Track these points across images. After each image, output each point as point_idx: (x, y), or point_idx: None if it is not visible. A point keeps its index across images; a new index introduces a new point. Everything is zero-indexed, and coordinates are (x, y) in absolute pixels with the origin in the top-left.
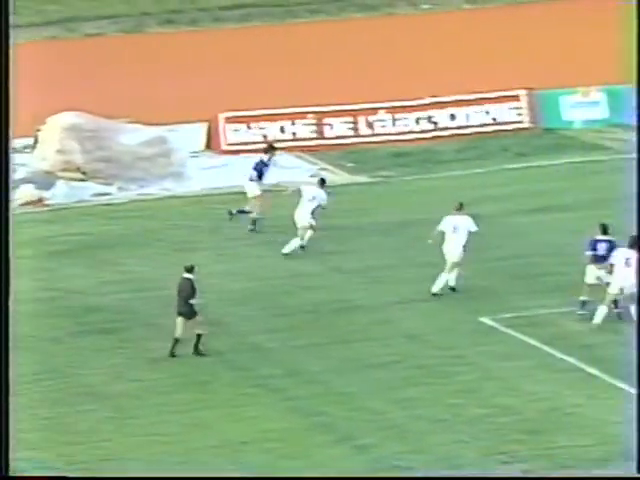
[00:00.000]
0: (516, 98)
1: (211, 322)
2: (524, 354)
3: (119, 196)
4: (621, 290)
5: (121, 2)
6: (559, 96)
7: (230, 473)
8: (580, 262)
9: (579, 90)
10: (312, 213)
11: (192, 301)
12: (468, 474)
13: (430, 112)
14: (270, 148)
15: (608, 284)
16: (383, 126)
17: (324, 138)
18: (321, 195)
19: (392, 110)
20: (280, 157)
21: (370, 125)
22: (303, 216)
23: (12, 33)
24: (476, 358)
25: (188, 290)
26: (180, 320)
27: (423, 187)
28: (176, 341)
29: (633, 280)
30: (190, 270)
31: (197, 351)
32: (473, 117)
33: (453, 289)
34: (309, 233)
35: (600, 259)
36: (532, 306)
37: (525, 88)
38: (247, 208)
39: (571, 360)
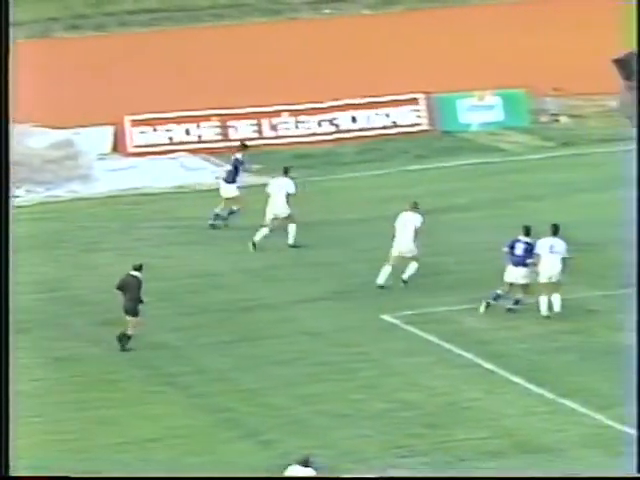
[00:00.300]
0: (415, 101)
1: (119, 321)
2: (424, 350)
3: (27, 199)
4: (549, 278)
5: (27, 8)
6: (456, 99)
7: (137, 470)
8: (478, 260)
9: (475, 94)
10: (287, 201)
11: (140, 302)
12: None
13: (332, 115)
14: (243, 147)
15: (537, 274)
16: (286, 128)
17: (229, 140)
18: (288, 184)
19: (295, 113)
20: (185, 159)
21: (274, 127)
22: (280, 208)
23: None
24: (378, 355)
25: (135, 288)
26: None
27: (325, 188)
28: (128, 337)
29: (558, 268)
30: (138, 269)
31: (124, 348)
32: (374, 120)
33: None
34: (292, 227)
35: (517, 259)
36: (432, 304)
37: (423, 92)
38: (234, 207)
39: (469, 356)
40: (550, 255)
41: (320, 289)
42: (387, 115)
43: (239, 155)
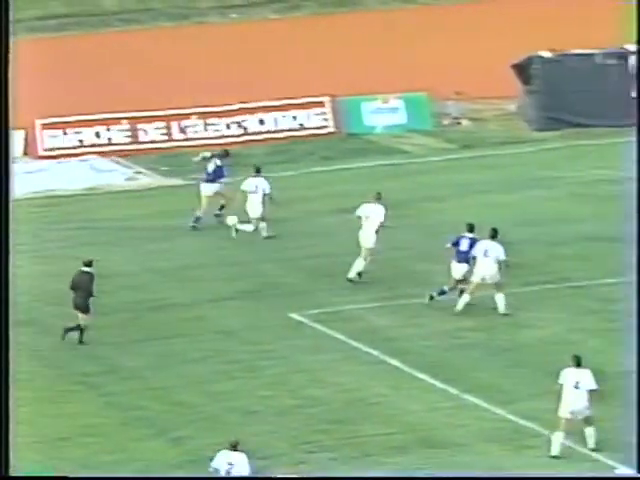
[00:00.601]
0: (321, 104)
1: (30, 322)
2: (331, 348)
3: None
4: (482, 279)
5: None
6: (361, 102)
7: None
8: (384, 260)
9: (379, 97)
10: (263, 202)
11: (91, 297)
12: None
13: (240, 117)
14: (225, 153)
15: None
16: (195, 131)
17: (139, 143)
18: (264, 184)
19: (203, 115)
20: (95, 161)
21: (183, 130)
22: (255, 208)
23: None
24: (286, 352)
25: (87, 283)
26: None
27: (234, 189)
28: (81, 330)
29: (493, 270)
30: (89, 264)
31: (82, 342)
32: (281, 122)
33: (352, 280)
34: (263, 224)
35: (461, 255)
36: (338, 302)
37: (329, 95)
38: (222, 202)
39: (375, 353)
40: (484, 258)
41: (230, 288)
42: (294, 118)
43: (219, 162)
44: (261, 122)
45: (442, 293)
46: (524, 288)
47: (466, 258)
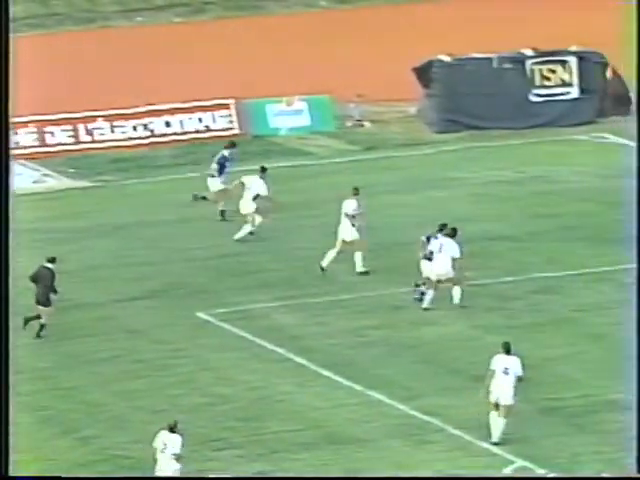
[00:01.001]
0: (226, 106)
1: None
2: (238, 346)
3: None
4: (438, 275)
5: None
6: (265, 105)
7: None
8: (289, 259)
9: (283, 99)
10: (254, 200)
11: (53, 293)
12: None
13: (146, 120)
14: (231, 145)
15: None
16: (102, 133)
17: (46, 145)
18: (258, 184)
19: (110, 118)
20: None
21: (89, 132)
22: (246, 205)
23: None
24: (193, 351)
25: (48, 279)
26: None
27: (140, 191)
28: (42, 326)
29: (448, 266)
30: (52, 261)
31: (39, 336)
32: (187, 124)
33: (367, 272)
34: (258, 219)
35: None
36: (244, 301)
37: (234, 97)
38: (207, 195)
39: (281, 351)
40: (439, 254)
41: (138, 288)
42: (200, 120)
43: (226, 152)
44: (167, 124)
45: (422, 294)
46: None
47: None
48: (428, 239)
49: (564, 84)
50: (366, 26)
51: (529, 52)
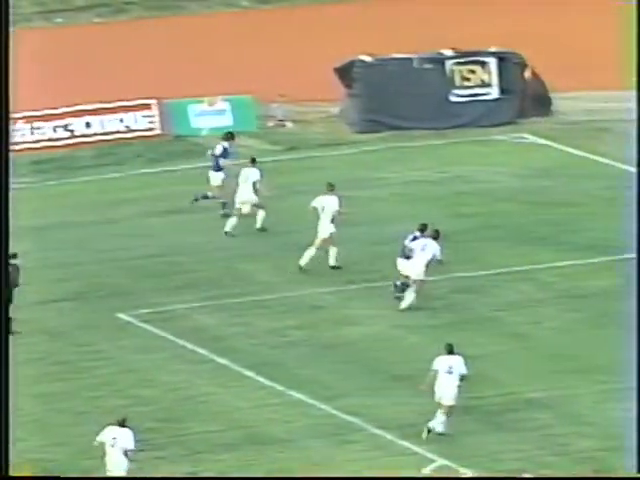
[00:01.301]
0: (148, 107)
1: None
2: (159, 347)
3: None
4: (417, 275)
5: None
6: (187, 105)
7: None
8: (208, 260)
9: (205, 100)
10: (254, 191)
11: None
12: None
13: (66, 120)
14: (230, 136)
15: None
16: (22, 134)
17: None
18: (254, 172)
19: (29, 119)
20: None
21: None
22: (246, 195)
23: None
24: (114, 352)
25: (14, 275)
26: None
27: (61, 192)
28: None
29: (422, 268)
30: (14, 256)
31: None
32: (108, 125)
33: (336, 267)
34: (261, 213)
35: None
36: (166, 302)
37: (156, 97)
38: (209, 194)
39: (203, 352)
40: (421, 253)
41: (58, 290)
42: (121, 120)
43: (226, 143)
44: (88, 125)
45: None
46: (348, 286)
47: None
48: (414, 238)
49: (484, 84)
50: (288, 26)
51: (449, 53)
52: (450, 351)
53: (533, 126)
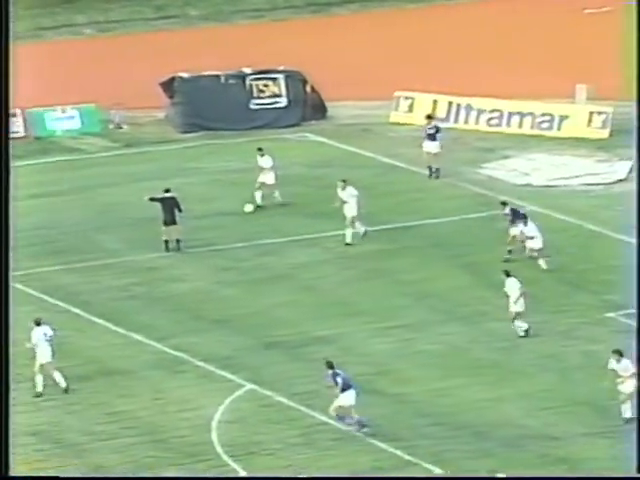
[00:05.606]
0: (14, 115)
1: None
2: (26, 301)
3: None
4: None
5: None
6: (44, 113)
7: None
8: (70, 232)
9: (58, 108)
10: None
11: None
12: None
13: None
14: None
15: None
16: None
17: None
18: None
19: None
20: None
21: None
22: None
23: None
24: None
25: (176, 202)
26: None
27: None
28: None
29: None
30: (167, 191)
31: None
32: None
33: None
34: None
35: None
36: (34, 265)
37: (20, 107)
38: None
39: (62, 304)
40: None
41: None
42: None
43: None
44: None
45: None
46: (177, 252)
47: None
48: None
49: (275, 95)
50: (123, 50)
51: (248, 70)
52: None
53: (313, 127)
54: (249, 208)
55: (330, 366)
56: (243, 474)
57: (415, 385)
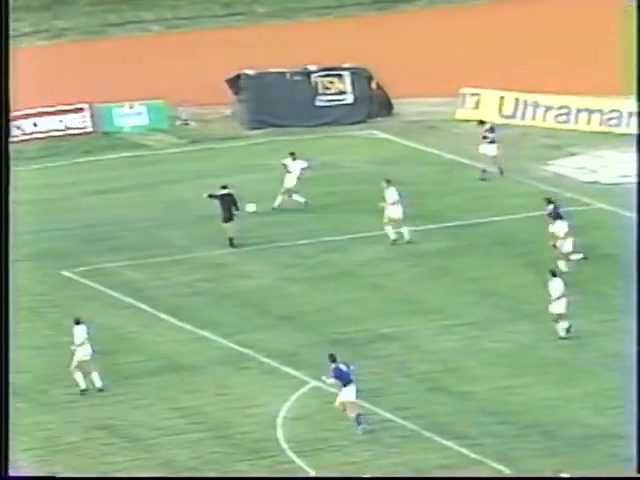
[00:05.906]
0: (81, 110)
1: None
2: (95, 297)
3: None
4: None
5: None
6: (112, 108)
7: None
8: (133, 228)
9: (126, 104)
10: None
11: None
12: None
13: (18, 122)
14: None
15: None
16: None
17: None
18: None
19: None
20: None
21: None
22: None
23: None
24: (61, 301)
25: (233, 199)
26: None
27: (20, 177)
28: None
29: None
30: (224, 187)
31: None
32: (50, 124)
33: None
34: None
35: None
36: (100, 261)
37: (87, 102)
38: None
39: (129, 300)
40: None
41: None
42: (61, 121)
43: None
44: (35, 125)
45: None
46: (242, 249)
47: None
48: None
49: (341, 92)
50: (190, 46)
51: (313, 67)
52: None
53: (379, 124)
54: (251, 208)
55: (333, 360)
56: (309, 471)
57: (481, 383)
